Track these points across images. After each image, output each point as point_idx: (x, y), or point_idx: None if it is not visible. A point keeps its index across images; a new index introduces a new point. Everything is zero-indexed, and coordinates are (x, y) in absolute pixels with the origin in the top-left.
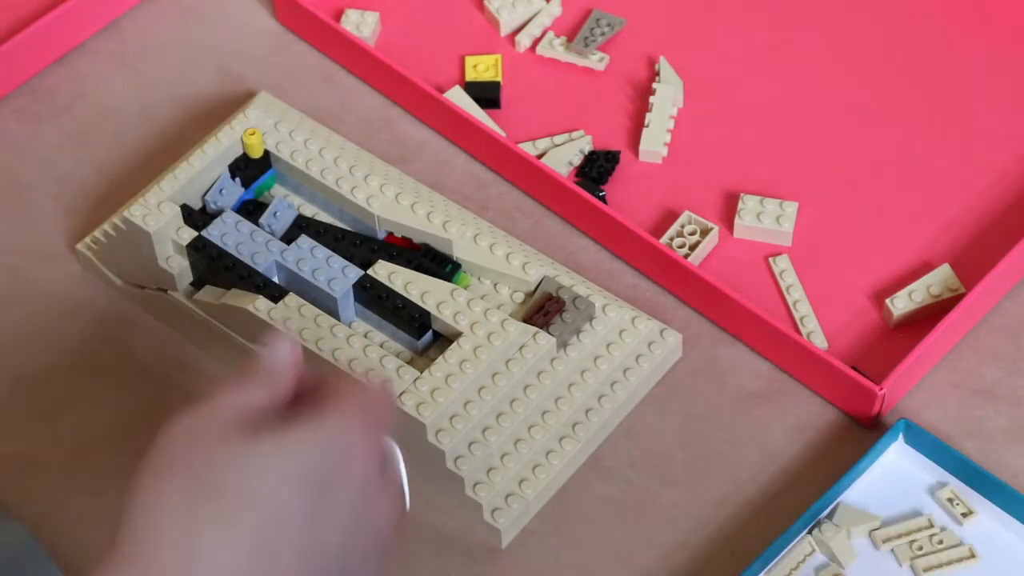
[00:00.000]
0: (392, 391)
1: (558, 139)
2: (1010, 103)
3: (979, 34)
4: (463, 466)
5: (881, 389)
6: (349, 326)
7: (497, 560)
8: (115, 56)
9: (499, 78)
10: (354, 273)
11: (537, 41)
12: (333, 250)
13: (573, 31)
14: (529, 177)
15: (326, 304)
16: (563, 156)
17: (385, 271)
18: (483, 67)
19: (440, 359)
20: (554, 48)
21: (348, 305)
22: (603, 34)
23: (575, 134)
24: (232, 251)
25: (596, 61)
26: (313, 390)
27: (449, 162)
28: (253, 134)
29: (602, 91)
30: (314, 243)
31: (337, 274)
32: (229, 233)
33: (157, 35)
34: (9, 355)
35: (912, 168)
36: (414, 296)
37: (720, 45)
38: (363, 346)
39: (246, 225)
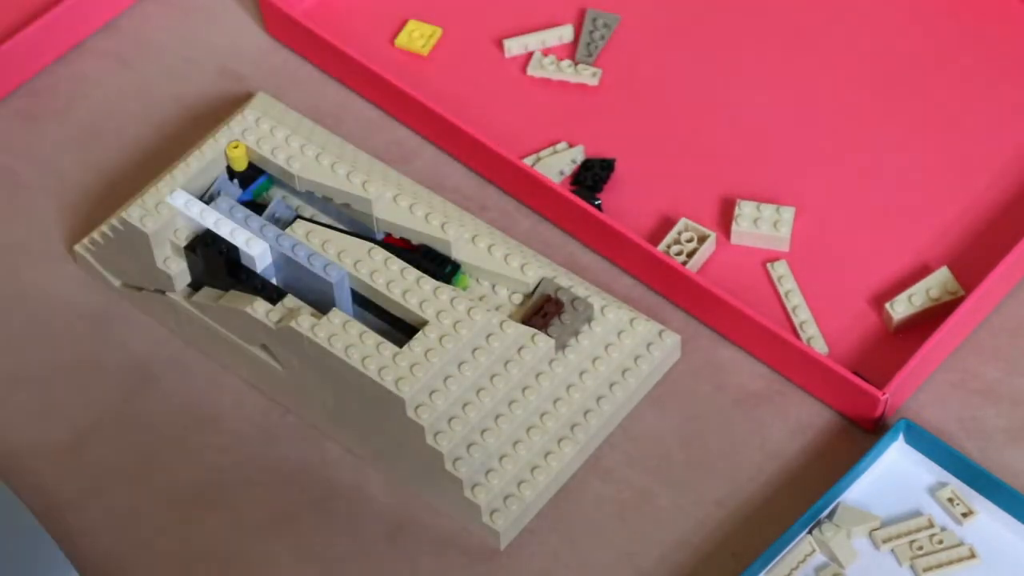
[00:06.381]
0: None
1: (547, 151)
2: (1006, 106)
3: (975, 38)
4: (461, 468)
5: (884, 394)
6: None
7: (496, 561)
8: (114, 56)
9: (427, 51)
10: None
11: (527, 61)
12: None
13: (569, 47)
14: (525, 187)
15: (323, 304)
16: (555, 165)
17: (303, 230)
18: (418, 34)
19: (436, 360)
20: (544, 68)
21: (345, 303)
22: (602, 37)
23: (560, 147)
24: (227, 236)
25: (589, 76)
26: None
27: (449, 162)
28: (237, 147)
29: (594, 105)
30: (309, 230)
31: (333, 265)
32: (223, 219)
33: (156, 35)
34: (8, 354)
35: (909, 171)
36: (412, 303)
37: (715, 52)
38: (359, 332)
39: (240, 211)
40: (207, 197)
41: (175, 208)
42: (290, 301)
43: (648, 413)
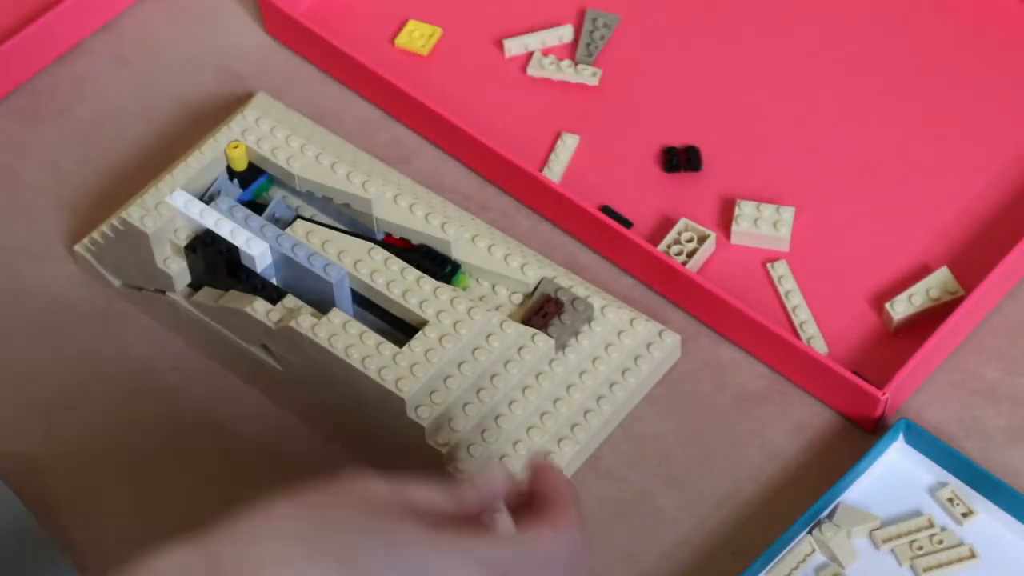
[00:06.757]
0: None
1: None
2: (1005, 104)
3: (975, 38)
4: (461, 468)
5: (884, 394)
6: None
7: None
8: (114, 56)
9: (427, 51)
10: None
11: (527, 61)
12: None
13: (569, 47)
14: (525, 187)
15: (323, 304)
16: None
17: (303, 230)
18: (418, 34)
19: (436, 360)
20: (544, 68)
21: (345, 303)
22: (602, 37)
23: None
24: (227, 236)
25: (589, 76)
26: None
27: (449, 162)
28: (237, 147)
29: (594, 105)
30: (310, 230)
31: (333, 265)
32: (223, 219)
33: (156, 35)
34: (8, 355)
35: (909, 171)
36: (412, 303)
37: (715, 52)
38: (359, 332)
39: (240, 211)
40: (207, 197)
41: (175, 208)
42: (290, 301)
43: (648, 413)
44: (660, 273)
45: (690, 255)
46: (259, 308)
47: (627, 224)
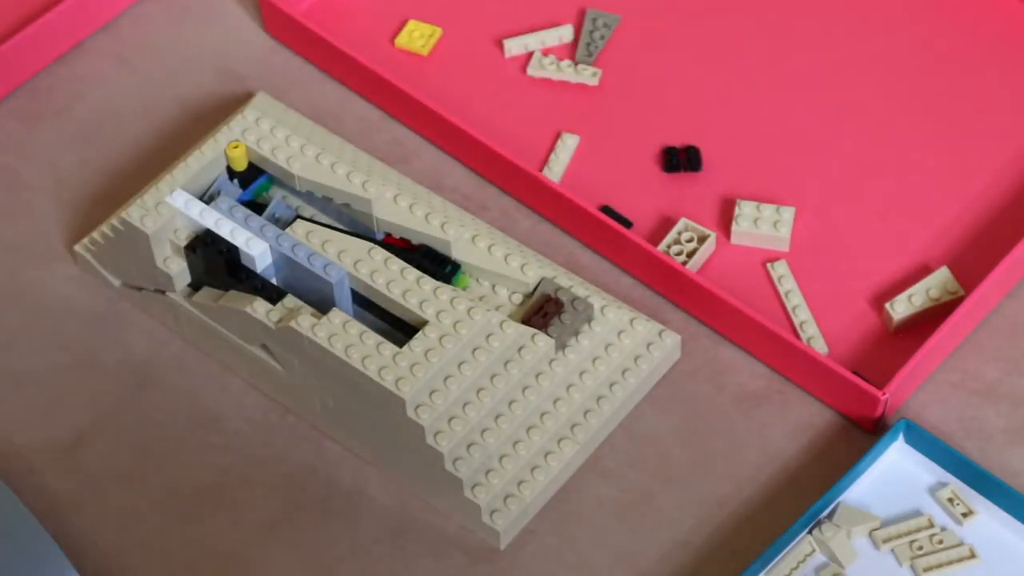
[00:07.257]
0: None
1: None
2: (1004, 105)
3: (975, 38)
4: (461, 468)
5: (884, 394)
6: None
7: (496, 561)
8: (114, 56)
9: (427, 51)
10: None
11: (528, 61)
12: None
13: (569, 47)
14: (525, 187)
15: (323, 304)
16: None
17: (303, 230)
18: (418, 34)
19: (436, 360)
20: (544, 68)
21: (345, 303)
22: (602, 37)
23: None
24: (227, 236)
25: (589, 76)
26: None
27: (449, 162)
28: (237, 147)
29: (594, 105)
30: (310, 230)
31: (333, 264)
32: (223, 219)
33: (156, 35)
34: (8, 354)
35: (909, 171)
36: (412, 303)
37: (715, 52)
38: (359, 332)
39: (240, 211)
40: (207, 197)
41: (175, 208)
42: (290, 301)
43: (648, 413)
44: (660, 273)
45: (690, 255)
46: (259, 308)
47: (627, 224)
